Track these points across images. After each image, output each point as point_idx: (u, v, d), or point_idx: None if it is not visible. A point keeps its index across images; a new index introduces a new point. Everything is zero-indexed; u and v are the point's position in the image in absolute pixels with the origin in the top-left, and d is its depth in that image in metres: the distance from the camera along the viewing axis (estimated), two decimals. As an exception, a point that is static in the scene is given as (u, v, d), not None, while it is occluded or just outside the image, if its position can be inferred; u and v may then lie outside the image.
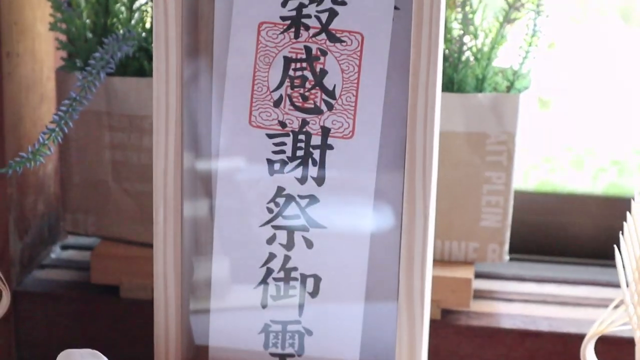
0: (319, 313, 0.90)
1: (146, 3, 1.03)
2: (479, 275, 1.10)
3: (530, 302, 1.07)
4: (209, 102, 0.89)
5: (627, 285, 0.85)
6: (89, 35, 1.01)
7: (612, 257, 1.04)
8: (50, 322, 1.05)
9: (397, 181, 0.86)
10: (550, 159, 1.26)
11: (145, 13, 1.03)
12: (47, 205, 1.11)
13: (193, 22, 0.88)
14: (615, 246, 0.85)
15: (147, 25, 1.03)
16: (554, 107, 1.26)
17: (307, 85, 0.87)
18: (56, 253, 1.13)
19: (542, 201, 1.19)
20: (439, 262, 1.01)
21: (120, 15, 1.02)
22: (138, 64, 1.00)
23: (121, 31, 1.00)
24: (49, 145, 0.91)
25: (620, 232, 0.85)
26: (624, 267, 0.85)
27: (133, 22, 1.02)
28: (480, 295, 1.07)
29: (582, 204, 1.18)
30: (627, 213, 0.87)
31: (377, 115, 0.86)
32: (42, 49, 1.08)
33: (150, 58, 1.00)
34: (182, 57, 0.87)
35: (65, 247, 1.14)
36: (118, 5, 1.03)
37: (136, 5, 1.03)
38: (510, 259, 1.11)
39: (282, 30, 0.86)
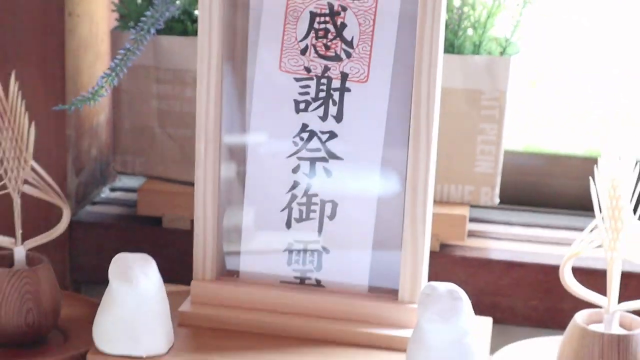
0: (336, 234, 0.93)
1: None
2: (473, 220, 1.11)
3: (517, 240, 1.10)
4: (245, 55, 0.93)
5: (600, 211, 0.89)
6: (139, 1, 1.04)
7: (593, 209, 1.10)
8: (101, 249, 1.07)
9: (405, 121, 0.90)
10: (540, 125, 1.26)
11: None
12: (99, 151, 1.14)
13: None
14: (590, 178, 0.89)
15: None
16: (542, 83, 1.28)
17: (329, 36, 0.90)
18: (106, 193, 1.16)
19: (530, 161, 1.21)
20: (438, 202, 1.03)
21: None
22: (182, 25, 1.03)
23: None
24: (106, 87, 0.94)
25: (595, 165, 0.90)
26: (597, 194, 0.89)
27: None
28: (473, 234, 1.10)
29: (566, 164, 1.20)
30: (602, 145, 0.92)
31: (389, 63, 0.90)
32: (98, 12, 1.10)
33: (193, 20, 1.03)
34: (223, 17, 0.90)
35: (113, 189, 1.17)
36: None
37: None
38: (501, 209, 1.15)
39: None
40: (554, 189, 1.20)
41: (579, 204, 1.18)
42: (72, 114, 1.06)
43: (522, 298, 1.05)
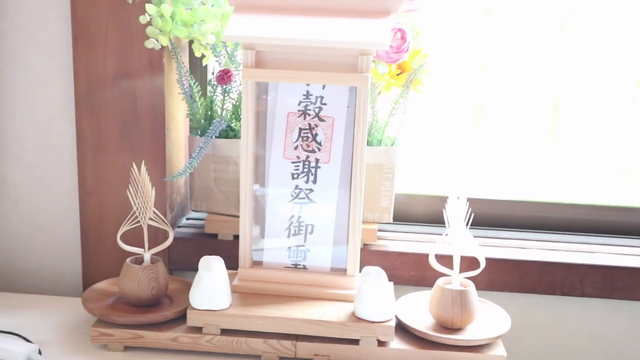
0: (313, 241, 0.95)
1: (233, 106, 1.03)
2: (380, 230, 1.12)
3: (403, 240, 1.11)
4: (264, 148, 0.94)
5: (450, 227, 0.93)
6: (202, 121, 1.04)
7: (437, 223, 1.12)
8: (185, 251, 1.07)
9: (347, 181, 0.93)
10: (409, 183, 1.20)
11: (229, 111, 1.03)
12: (181, 199, 1.14)
13: (256, 118, 0.92)
14: (444, 210, 0.93)
15: (232, 115, 1.03)
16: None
17: (309, 140, 0.93)
18: (184, 222, 1.15)
19: (406, 199, 1.17)
20: (364, 222, 1.03)
21: (218, 111, 1.04)
22: (226, 133, 1.03)
23: (219, 118, 1.02)
24: (191, 167, 0.97)
25: (445, 204, 0.93)
26: (448, 220, 0.93)
27: (224, 113, 1.03)
28: (380, 238, 1.11)
29: (422, 200, 1.18)
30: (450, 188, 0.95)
31: (340, 153, 0.92)
32: (180, 126, 1.10)
33: (232, 129, 1.03)
34: (254, 131, 0.92)
35: (188, 219, 1.16)
36: (215, 107, 1.04)
37: (226, 106, 1.03)
38: (394, 224, 1.14)
39: (298, 115, 0.92)
40: (417, 212, 1.19)
41: (428, 220, 1.18)
42: (168, 180, 1.07)
43: (406, 270, 1.07)
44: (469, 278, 0.95)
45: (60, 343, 0.93)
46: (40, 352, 0.90)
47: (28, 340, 0.92)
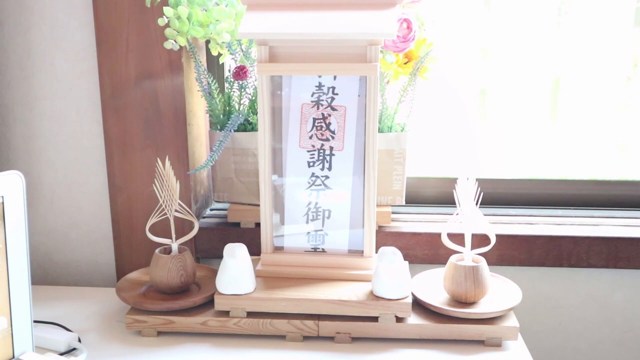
0: (331, 225, 0.93)
1: (250, 101, 1.01)
2: (393, 212, 1.10)
3: (415, 221, 1.09)
4: (280, 139, 0.92)
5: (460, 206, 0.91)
6: (221, 116, 1.02)
7: (445, 204, 1.09)
8: (210, 240, 1.06)
9: (361, 167, 0.90)
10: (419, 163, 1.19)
11: (246, 106, 1.02)
12: (204, 191, 1.12)
13: (272, 110, 0.90)
14: (454, 191, 0.90)
15: (249, 109, 1.02)
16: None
17: (323, 129, 0.90)
18: (208, 212, 1.13)
19: (417, 182, 1.16)
20: (377, 205, 1.01)
21: (235, 106, 1.02)
22: (244, 126, 1.02)
23: (237, 113, 1.00)
24: (212, 160, 0.95)
25: (455, 185, 0.90)
26: (459, 200, 0.90)
27: (241, 108, 1.02)
28: (394, 220, 1.09)
29: (433, 182, 1.16)
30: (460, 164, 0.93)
31: (352, 140, 0.90)
32: (201, 123, 1.09)
33: (249, 123, 1.01)
34: (270, 123, 0.90)
35: (212, 209, 1.15)
36: (233, 102, 1.02)
37: (243, 101, 1.01)
38: (406, 206, 1.14)
39: (311, 106, 0.90)
40: (427, 194, 1.17)
41: (439, 201, 1.16)
42: (192, 174, 1.05)
43: (420, 250, 1.05)
44: (480, 254, 0.93)
45: (97, 331, 0.92)
46: (79, 340, 0.89)
47: (68, 330, 0.91)
